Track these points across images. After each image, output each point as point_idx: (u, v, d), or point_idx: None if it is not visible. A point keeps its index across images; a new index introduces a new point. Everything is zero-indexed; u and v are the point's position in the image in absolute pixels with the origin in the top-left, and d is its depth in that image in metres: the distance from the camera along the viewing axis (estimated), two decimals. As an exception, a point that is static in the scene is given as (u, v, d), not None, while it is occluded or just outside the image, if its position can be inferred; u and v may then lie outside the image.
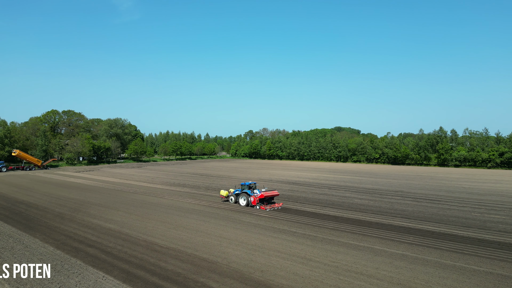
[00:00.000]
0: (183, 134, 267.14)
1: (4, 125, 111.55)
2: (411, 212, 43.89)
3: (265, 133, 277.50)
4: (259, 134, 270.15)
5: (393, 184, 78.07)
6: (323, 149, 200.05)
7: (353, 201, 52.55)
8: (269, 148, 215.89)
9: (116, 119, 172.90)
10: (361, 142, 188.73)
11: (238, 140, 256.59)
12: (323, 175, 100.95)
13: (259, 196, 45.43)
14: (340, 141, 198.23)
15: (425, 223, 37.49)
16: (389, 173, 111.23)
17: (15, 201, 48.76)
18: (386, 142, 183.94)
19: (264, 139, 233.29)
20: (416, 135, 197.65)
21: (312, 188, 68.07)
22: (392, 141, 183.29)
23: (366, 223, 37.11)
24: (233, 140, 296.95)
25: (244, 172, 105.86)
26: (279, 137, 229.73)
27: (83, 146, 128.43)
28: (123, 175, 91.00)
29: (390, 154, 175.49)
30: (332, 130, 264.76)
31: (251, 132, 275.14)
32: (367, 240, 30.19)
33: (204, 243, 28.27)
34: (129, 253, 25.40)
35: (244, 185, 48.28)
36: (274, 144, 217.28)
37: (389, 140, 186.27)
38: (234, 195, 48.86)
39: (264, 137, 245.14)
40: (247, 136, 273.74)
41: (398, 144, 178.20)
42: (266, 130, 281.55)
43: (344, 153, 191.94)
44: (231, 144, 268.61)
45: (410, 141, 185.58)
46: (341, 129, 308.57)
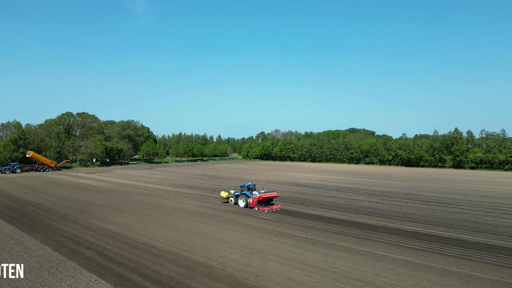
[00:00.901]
0: (195, 136, 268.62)
1: (19, 127, 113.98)
2: (420, 216, 42.62)
3: (277, 134, 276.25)
4: (271, 135, 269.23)
5: (405, 186, 76.35)
6: (335, 150, 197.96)
7: (360, 204, 51.46)
8: (281, 150, 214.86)
9: (129, 120, 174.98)
10: (373, 144, 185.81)
11: (250, 142, 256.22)
12: (333, 177, 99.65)
13: (257, 198, 45.22)
14: (353, 142, 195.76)
15: (433, 228, 36.27)
16: (401, 175, 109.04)
17: (23, 202, 49.48)
18: (399, 143, 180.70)
19: (275, 140, 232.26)
20: (431, 137, 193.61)
21: (320, 190, 67.10)
22: (406, 142, 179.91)
23: (372, 227, 36.14)
24: (245, 142, 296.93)
25: (254, 174, 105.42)
26: (291, 138, 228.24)
27: (96, 147, 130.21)
28: (133, 177, 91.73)
29: (403, 155, 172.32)
30: (345, 132, 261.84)
31: (263, 134, 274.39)
32: (370, 244, 29.30)
33: (202, 246, 27.90)
34: (126, 256, 25.22)
35: (244, 187, 48.19)
36: (285, 146, 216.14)
37: (403, 141, 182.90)
38: (234, 197, 48.92)
39: (275, 138, 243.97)
40: (258, 137, 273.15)
41: (412, 145, 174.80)
42: (278, 131, 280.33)
43: (356, 154, 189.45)
44: (243, 145, 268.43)
45: (424, 143, 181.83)
46: (355, 130, 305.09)
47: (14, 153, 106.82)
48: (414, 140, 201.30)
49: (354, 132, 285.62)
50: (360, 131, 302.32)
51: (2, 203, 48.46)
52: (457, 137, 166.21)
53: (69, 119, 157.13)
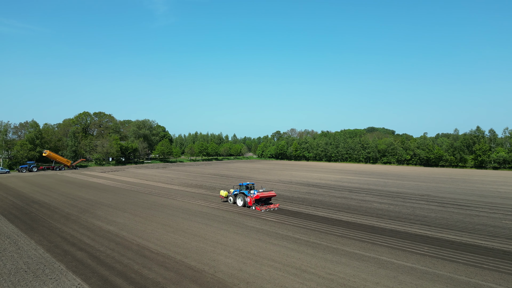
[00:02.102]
0: (210, 135, 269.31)
1: (35, 127, 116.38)
2: (433, 219, 40.42)
3: (293, 133, 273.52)
4: (287, 134, 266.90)
5: (421, 187, 73.48)
6: (351, 150, 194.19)
7: (371, 205, 49.48)
8: (296, 149, 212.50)
9: (144, 120, 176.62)
10: (391, 143, 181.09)
11: (265, 141, 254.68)
12: (347, 177, 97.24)
13: (254, 197, 44.65)
14: (369, 141, 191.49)
15: (446, 231, 34.16)
16: (418, 176, 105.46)
17: (30, 200, 49.88)
18: (418, 142, 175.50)
19: (290, 140, 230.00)
20: (451, 135, 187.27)
21: (331, 190, 65.24)
22: (425, 141, 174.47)
23: (380, 230, 34.34)
24: (261, 141, 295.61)
25: (266, 173, 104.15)
26: (306, 137, 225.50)
27: (111, 147, 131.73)
28: (145, 176, 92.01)
29: (422, 155, 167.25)
30: (362, 131, 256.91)
31: (279, 133, 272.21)
32: (375, 249, 27.61)
33: (197, 249, 26.91)
34: (117, 258, 24.48)
35: (242, 186, 47.66)
36: (300, 145, 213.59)
37: (421, 140, 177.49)
38: (233, 196, 48.55)
39: (290, 137, 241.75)
40: (274, 136, 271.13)
41: (431, 144, 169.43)
42: (294, 130, 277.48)
43: (373, 154, 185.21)
44: (258, 145, 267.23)
45: (444, 142, 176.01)
46: (374, 129, 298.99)
47: (31, 152, 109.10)
48: (434, 139, 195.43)
49: (373, 131, 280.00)
50: (379, 130, 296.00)
51: (10, 202, 48.98)
52: (479, 136, 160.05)
53: (86, 119, 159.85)
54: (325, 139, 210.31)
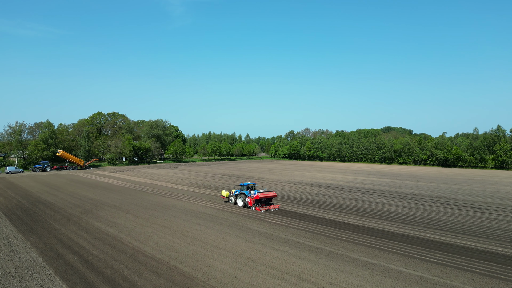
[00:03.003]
0: (224, 135, 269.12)
1: (49, 127, 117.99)
2: (448, 223, 38.19)
3: (307, 133, 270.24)
4: (301, 134, 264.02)
5: (437, 189, 70.60)
6: (366, 150, 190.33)
7: (383, 207, 47.42)
8: (309, 149, 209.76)
9: (157, 120, 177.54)
10: (407, 143, 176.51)
11: (278, 141, 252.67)
12: (361, 177, 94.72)
13: (254, 197, 43.85)
14: (385, 141, 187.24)
15: (462, 237, 32.02)
16: (435, 176, 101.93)
17: (36, 200, 49.87)
18: (435, 142, 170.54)
19: (304, 139, 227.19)
20: (470, 135, 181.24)
21: (343, 192, 63.24)
22: (443, 141, 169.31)
23: (389, 235, 32.47)
24: (274, 141, 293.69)
25: (277, 174, 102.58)
26: (320, 137, 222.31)
27: (124, 146, 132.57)
28: (155, 176, 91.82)
29: (440, 155, 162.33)
30: (378, 131, 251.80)
31: (292, 133, 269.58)
32: (382, 256, 25.86)
33: (194, 253, 25.75)
34: (109, 262, 23.54)
35: (243, 186, 46.89)
36: (314, 145, 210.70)
37: (439, 140, 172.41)
38: (234, 196, 47.84)
39: (304, 137, 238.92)
40: (287, 136, 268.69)
41: (449, 144, 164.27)
42: (308, 130, 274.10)
43: (389, 154, 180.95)
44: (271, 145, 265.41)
45: (463, 141, 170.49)
46: (391, 129, 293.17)
47: (44, 152, 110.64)
48: (453, 139, 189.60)
49: (390, 130, 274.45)
50: (396, 129, 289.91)
51: (17, 201, 49.08)
52: (499, 135, 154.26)
53: (100, 119, 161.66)
54: (339, 139, 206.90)
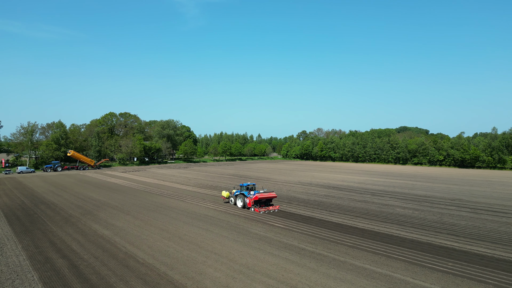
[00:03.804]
0: (235, 135, 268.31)
1: (60, 127, 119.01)
2: (463, 228, 35.91)
3: (320, 133, 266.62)
4: (313, 134, 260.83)
5: (452, 190, 67.68)
6: (380, 150, 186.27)
7: (394, 210, 45.27)
8: (321, 149, 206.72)
9: (169, 120, 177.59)
10: (422, 143, 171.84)
11: (290, 141, 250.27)
12: (373, 178, 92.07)
13: (253, 198, 43.10)
14: (399, 141, 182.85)
15: (477, 243, 29.81)
16: (451, 178, 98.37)
17: (40, 201, 49.56)
18: (452, 142, 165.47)
19: (316, 139, 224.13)
20: (489, 135, 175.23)
21: (352, 193, 61.11)
22: (459, 141, 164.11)
23: (398, 240, 30.50)
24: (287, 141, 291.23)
25: (286, 174, 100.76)
26: (332, 137, 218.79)
27: (134, 147, 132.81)
28: (163, 176, 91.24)
29: (456, 155, 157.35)
30: (393, 131, 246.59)
31: (304, 133, 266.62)
32: (389, 264, 24.01)
33: (188, 258, 24.44)
34: (97, 268, 22.44)
35: (243, 186, 46.24)
36: (326, 145, 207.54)
37: (456, 140, 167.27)
38: (234, 197, 47.18)
39: (316, 137, 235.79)
40: (300, 136, 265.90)
41: (466, 144, 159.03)
42: (321, 130, 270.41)
43: (403, 154, 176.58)
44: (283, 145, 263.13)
45: (481, 141, 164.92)
46: (406, 128, 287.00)
47: (56, 152, 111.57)
48: (471, 138, 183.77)
49: (405, 130, 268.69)
50: (411, 129, 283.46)
51: (20, 201, 48.88)
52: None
53: (112, 119, 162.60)
54: (352, 139, 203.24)
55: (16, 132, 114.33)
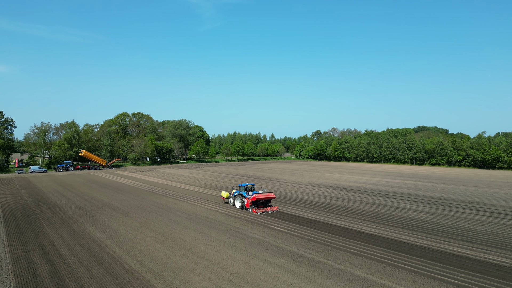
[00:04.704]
0: (248, 135, 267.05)
1: (73, 127, 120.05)
2: (479, 233, 33.33)
3: (334, 133, 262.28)
4: (327, 134, 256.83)
5: (470, 192, 64.32)
6: (396, 150, 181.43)
7: (406, 214, 42.82)
8: (335, 149, 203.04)
9: (181, 120, 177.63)
10: (440, 143, 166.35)
11: (303, 141, 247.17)
12: (386, 179, 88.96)
13: (251, 199, 42.13)
14: (416, 141, 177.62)
15: (494, 252, 27.33)
16: (470, 179, 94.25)
17: (43, 201, 49.23)
18: (471, 142, 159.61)
19: (330, 139, 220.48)
20: (510, 134, 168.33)
21: (363, 195, 58.66)
22: (479, 141, 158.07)
23: (407, 247, 28.28)
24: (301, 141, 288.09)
25: (297, 175, 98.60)
26: (346, 137, 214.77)
27: (146, 146, 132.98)
28: (172, 176, 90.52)
29: (476, 156, 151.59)
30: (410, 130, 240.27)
31: (319, 133, 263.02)
32: (393, 274, 21.96)
33: (177, 265, 22.99)
34: (79, 275, 21.25)
35: (241, 187, 45.42)
36: (340, 145, 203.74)
37: (476, 140, 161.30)
38: (233, 197, 46.36)
39: (331, 137, 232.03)
40: (314, 136, 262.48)
41: (486, 144, 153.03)
42: (336, 130, 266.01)
43: (420, 154, 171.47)
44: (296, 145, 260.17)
45: (502, 141, 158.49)
46: (425, 128, 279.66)
47: (68, 152, 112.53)
48: (492, 138, 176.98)
49: (424, 130, 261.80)
50: (430, 129, 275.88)
51: (23, 201, 48.73)
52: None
53: (125, 119, 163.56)
54: (367, 139, 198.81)
55: (29, 132, 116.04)
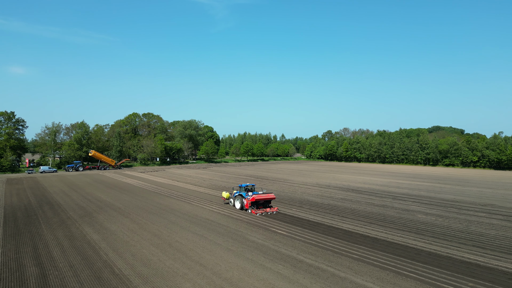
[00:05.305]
0: (259, 135, 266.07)
1: (82, 127, 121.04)
2: (492, 238, 31.57)
3: (346, 133, 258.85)
4: (339, 134, 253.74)
5: (484, 195, 61.93)
6: (408, 150, 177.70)
7: (414, 216, 41.15)
8: (346, 150, 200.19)
9: (191, 120, 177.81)
10: (454, 143, 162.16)
11: (314, 141, 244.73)
12: (397, 181, 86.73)
13: (250, 199, 41.55)
14: (429, 141, 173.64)
15: (506, 258, 25.65)
16: (484, 180, 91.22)
17: (47, 201, 49.23)
18: (487, 142, 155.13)
19: (341, 139, 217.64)
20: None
21: (372, 197, 56.98)
22: (495, 141, 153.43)
23: (413, 253, 26.81)
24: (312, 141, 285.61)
25: (306, 176, 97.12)
26: (358, 137, 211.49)
27: (155, 147, 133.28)
28: (180, 177, 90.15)
29: (492, 156, 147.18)
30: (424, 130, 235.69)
31: (330, 133, 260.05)
32: (396, 283, 20.63)
33: (168, 270, 22.12)
34: (66, 280, 20.59)
35: (241, 187, 44.96)
36: (351, 145, 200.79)
37: (491, 140, 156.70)
38: (233, 198, 45.75)
39: (342, 137, 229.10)
40: (325, 136, 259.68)
41: (503, 144, 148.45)
42: (347, 130, 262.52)
43: (433, 155, 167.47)
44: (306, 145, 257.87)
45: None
46: (439, 128, 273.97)
47: (77, 152, 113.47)
48: (508, 138, 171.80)
49: (438, 130, 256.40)
50: (445, 129, 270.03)
51: (27, 201, 48.83)
52: None
53: (135, 119, 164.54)
54: (379, 139, 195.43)
55: (41, 133, 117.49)
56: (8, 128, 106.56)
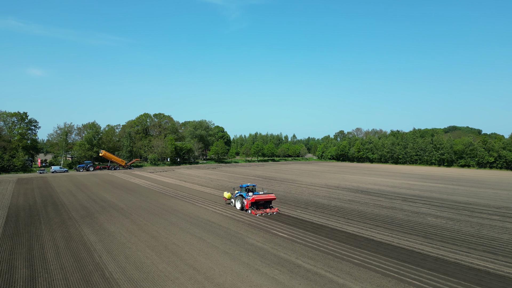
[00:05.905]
0: (270, 136, 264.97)
1: (93, 127, 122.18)
2: (504, 243, 29.94)
3: (359, 133, 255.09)
4: (351, 134, 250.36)
5: (499, 197, 59.60)
6: (422, 151, 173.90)
7: (424, 219, 39.61)
8: (358, 150, 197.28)
9: (201, 121, 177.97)
10: (470, 143, 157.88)
11: (326, 141, 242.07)
12: (409, 182, 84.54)
13: (250, 200, 41.12)
14: (444, 141, 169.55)
15: (519, 266, 24.13)
16: (500, 182, 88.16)
17: (52, 201, 49.40)
18: (504, 142, 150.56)
19: (353, 139, 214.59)
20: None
21: (381, 199, 55.41)
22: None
23: (419, 258, 25.50)
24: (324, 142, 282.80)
25: (315, 176, 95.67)
26: (370, 137, 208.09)
27: (166, 147, 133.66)
28: (188, 177, 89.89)
29: (509, 157, 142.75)
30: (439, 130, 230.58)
31: (342, 133, 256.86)
32: (398, 291, 19.45)
33: (160, 274, 21.46)
34: (55, 282, 20.26)
35: (242, 188, 44.74)
36: (363, 146, 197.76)
37: (509, 140, 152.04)
38: (234, 198, 45.46)
39: (354, 137, 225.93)
40: (337, 137, 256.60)
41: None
42: (360, 130, 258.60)
43: (448, 156, 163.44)
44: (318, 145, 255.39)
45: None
46: (455, 128, 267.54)
47: (88, 152, 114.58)
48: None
49: (454, 130, 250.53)
50: (461, 129, 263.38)
51: (33, 202, 49.07)
52: None
53: (146, 120, 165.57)
54: (392, 139, 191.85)
55: (53, 133, 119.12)
56: (20, 128, 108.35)
